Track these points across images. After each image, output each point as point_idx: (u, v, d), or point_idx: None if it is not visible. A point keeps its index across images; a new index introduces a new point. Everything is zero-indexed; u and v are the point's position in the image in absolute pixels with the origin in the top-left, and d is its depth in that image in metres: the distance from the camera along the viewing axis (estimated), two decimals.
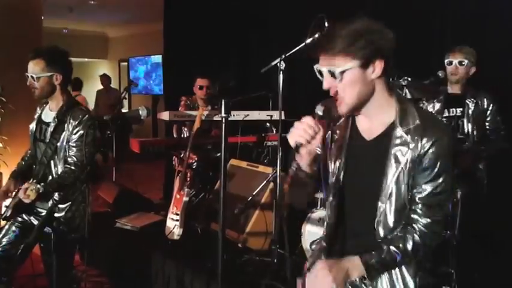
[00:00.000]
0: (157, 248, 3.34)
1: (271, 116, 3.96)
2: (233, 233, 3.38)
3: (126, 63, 11.82)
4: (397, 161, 1.42)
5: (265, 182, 3.34)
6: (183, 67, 5.65)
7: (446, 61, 3.17)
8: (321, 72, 1.41)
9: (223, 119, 1.35)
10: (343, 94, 1.40)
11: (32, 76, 2.48)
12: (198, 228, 3.58)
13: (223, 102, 1.33)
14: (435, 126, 1.43)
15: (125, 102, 8.63)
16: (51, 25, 9.82)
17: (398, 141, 1.42)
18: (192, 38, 5.69)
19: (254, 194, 3.32)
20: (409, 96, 3.00)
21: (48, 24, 9.56)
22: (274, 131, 4.01)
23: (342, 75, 1.37)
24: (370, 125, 1.49)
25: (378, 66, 1.38)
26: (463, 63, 3.11)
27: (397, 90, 1.50)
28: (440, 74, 3.14)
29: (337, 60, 1.36)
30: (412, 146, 1.40)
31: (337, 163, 1.53)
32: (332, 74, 1.38)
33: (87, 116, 2.53)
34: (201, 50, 5.56)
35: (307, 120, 1.41)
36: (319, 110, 1.50)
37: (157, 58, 10.28)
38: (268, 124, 4.10)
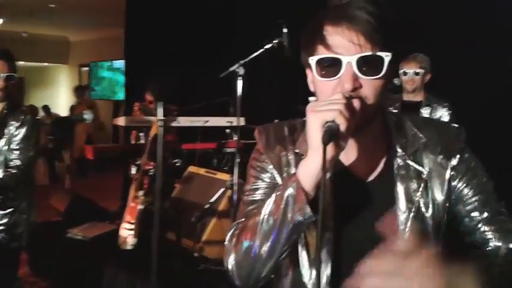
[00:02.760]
0: (109, 259, 3.21)
1: (231, 122, 3.91)
2: (189, 241, 3.30)
3: (87, 68, 11.56)
4: (409, 200, 1.00)
5: (222, 189, 3.29)
6: (145, 72, 5.54)
7: (401, 71, 3.14)
8: (337, 60, 0.91)
9: (161, 122, 1.27)
10: (371, 96, 0.93)
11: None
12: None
13: (159, 105, 1.25)
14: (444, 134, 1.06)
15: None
16: (11, 28, 9.52)
17: (403, 172, 1.02)
18: (154, 43, 5.61)
19: (211, 201, 3.25)
20: None
21: (7, 27, 9.28)
22: (235, 138, 3.96)
23: (386, 68, 0.93)
24: (364, 155, 1.03)
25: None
26: (419, 72, 3.12)
27: None
28: (396, 82, 3.15)
29: (378, 47, 0.91)
30: (425, 174, 1.01)
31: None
32: (376, 63, 0.92)
33: (29, 116, 2.45)
34: (163, 56, 5.49)
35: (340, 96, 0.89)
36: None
37: (120, 63, 10.10)
38: (228, 130, 4.04)
